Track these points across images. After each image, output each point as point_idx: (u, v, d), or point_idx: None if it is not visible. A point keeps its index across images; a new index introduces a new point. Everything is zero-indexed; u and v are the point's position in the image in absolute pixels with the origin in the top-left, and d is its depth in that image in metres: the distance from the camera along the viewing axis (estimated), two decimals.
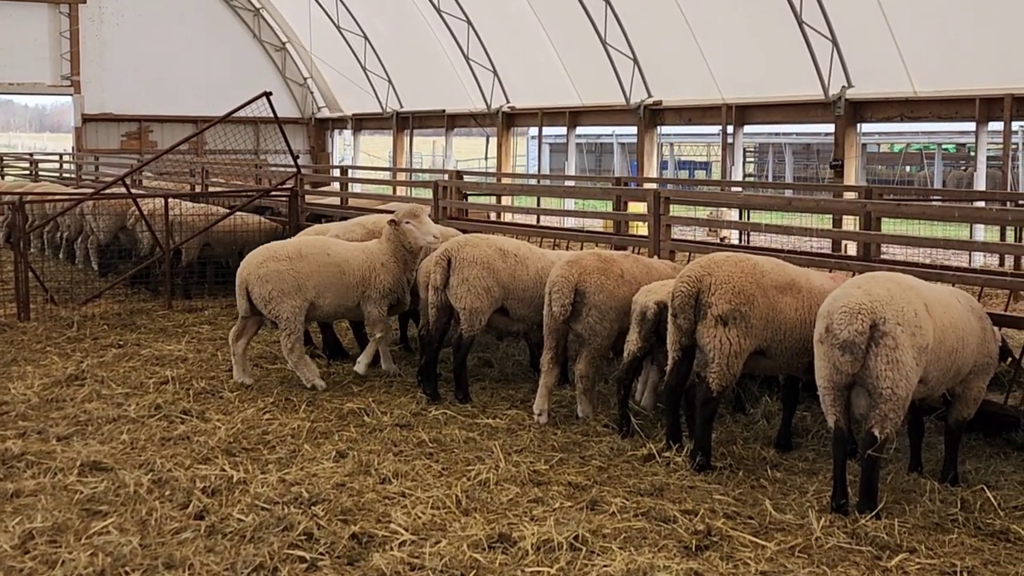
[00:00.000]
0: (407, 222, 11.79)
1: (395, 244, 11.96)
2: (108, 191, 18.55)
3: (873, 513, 7.68)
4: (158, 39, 37.34)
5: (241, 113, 18.39)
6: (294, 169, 19.79)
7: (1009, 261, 16.51)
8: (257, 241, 18.18)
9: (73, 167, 33.60)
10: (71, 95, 37.10)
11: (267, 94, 18.12)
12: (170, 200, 17.46)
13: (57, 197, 20.04)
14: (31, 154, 38.33)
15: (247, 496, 8.06)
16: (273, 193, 19.76)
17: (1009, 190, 20.99)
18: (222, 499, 8.03)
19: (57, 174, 32.91)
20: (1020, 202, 18.67)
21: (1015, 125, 21.14)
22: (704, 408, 9.00)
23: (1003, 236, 17.16)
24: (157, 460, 8.93)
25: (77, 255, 20.60)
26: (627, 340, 10.07)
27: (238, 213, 18.36)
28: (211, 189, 22.36)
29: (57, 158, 36.48)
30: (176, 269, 17.53)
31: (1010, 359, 9.17)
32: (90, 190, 20.92)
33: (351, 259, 11.90)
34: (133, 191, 18.58)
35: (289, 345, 11.49)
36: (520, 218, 21.53)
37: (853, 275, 10.17)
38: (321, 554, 7.02)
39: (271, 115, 18.63)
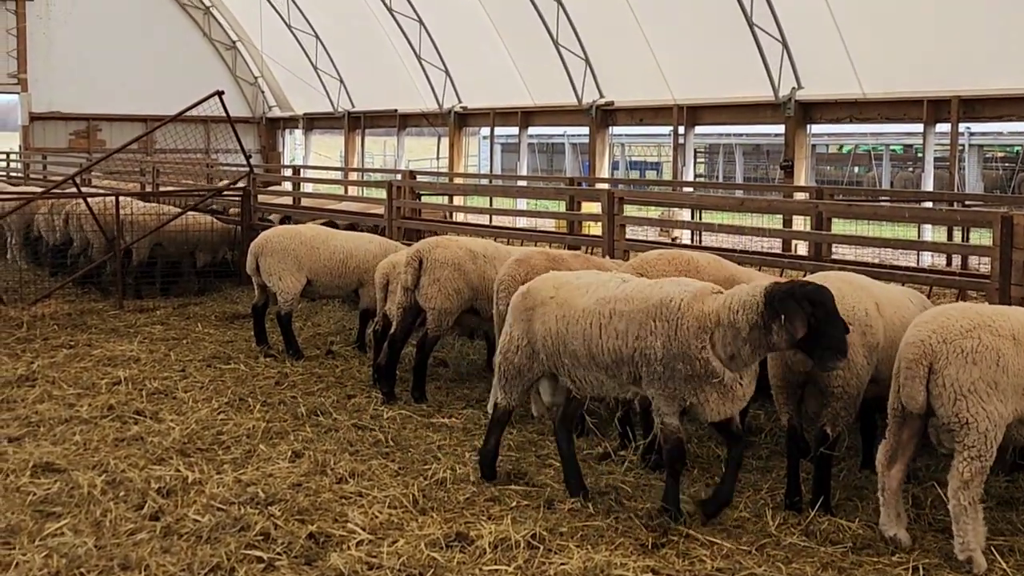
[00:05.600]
0: None
1: None
2: (58, 190, 18.38)
3: (827, 510, 7.77)
4: (107, 37, 36.88)
5: (192, 112, 18.28)
6: (246, 169, 19.69)
7: (956, 261, 16.71)
8: (210, 241, 18.12)
9: (20, 166, 33.19)
10: (18, 93, 36.61)
11: (219, 93, 18.04)
12: (121, 199, 17.29)
13: (5, 196, 19.81)
14: None
15: (203, 497, 8.02)
16: (226, 193, 19.65)
17: (956, 191, 21.25)
18: (177, 500, 7.99)
19: (4, 173, 32.50)
20: (967, 203, 18.88)
21: (961, 127, 21.40)
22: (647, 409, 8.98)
23: (950, 236, 17.37)
24: (111, 461, 8.86)
25: (9, 254, 20.49)
26: None
27: (190, 213, 18.24)
28: (162, 188, 22.18)
29: (4, 156, 35.99)
30: (127, 269, 17.38)
31: None
32: (39, 189, 20.69)
33: None
34: (83, 190, 18.41)
35: None
36: (473, 218, 21.52)
37: (805, 274, 10.29)
38: (278, 554, 7.00)
39: (222, 114, 18.52)
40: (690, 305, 7.45)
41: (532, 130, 31.56)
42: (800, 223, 16.41)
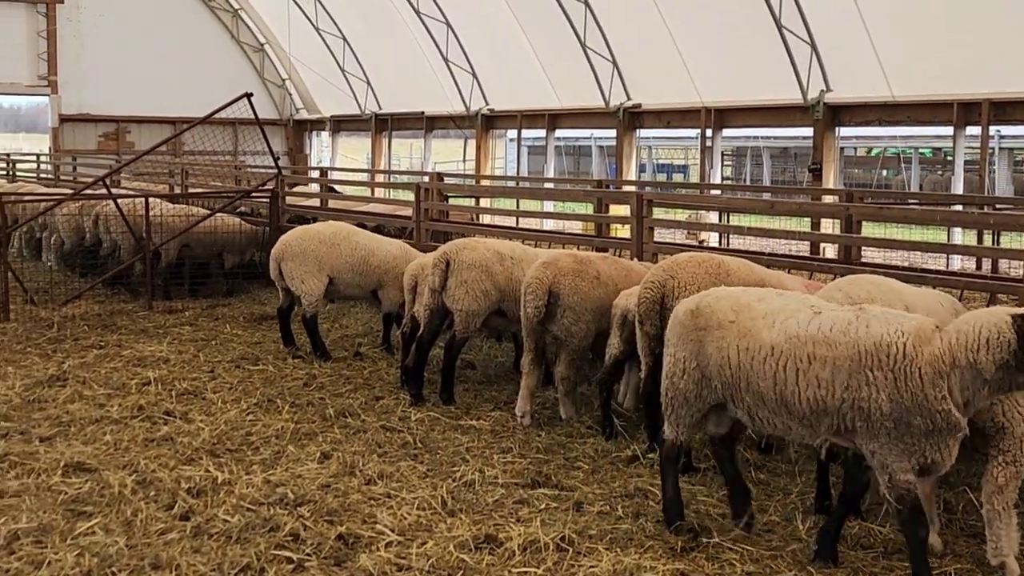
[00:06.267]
0: None
1: None
2: (88, 191, 18.50)
3: (857, 515, 7.73)
4: (136, 39, 37.11)
5: (220, 114, 18.36)
6: (274, 170, 19.76)
7: (986, 264, 16.61)
8: (238, 242, 18.19)
9: (51, 167, 33.41)
10: (48, 95, 36.86)
11: (248, 95, 18.11)
12: (150, 201, 17.39)
13: (37, 197, 19.94)
14: (8, 154, 38.01)
15: (232, 497, 8.05)
16: (254, 194, 19.72)
17: (986, 194, 21.11)
18: (207, 500, 8.03)
19: (35, 175, 32.73)
20: (997, 206, 18.75)
21: (992, 129, 21.24)
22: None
23: (980, 239, 17.26)
24: (141, 461, 8.91)
25: (43, 255, 20.62)
26: (608, 343, 10.09)
27: (218, 214, 18.31)
28: (191, 190, 22.28)
29: (34, 158, 36.24)
30: (156, 270, 17.47)
31: None
32: (69, 190, 20.81)
33: None
34: (113, 192, 18.52)
35: None
36: (501, 220, 21.52)
37: (835, 277, 10.26)
38: (308, 555, 7.02)
39: (250, 116, 18.59)
40: (918, 348, 6.40)
41: (559, 132, 31.56)
42: (827, 226, 16.36)
